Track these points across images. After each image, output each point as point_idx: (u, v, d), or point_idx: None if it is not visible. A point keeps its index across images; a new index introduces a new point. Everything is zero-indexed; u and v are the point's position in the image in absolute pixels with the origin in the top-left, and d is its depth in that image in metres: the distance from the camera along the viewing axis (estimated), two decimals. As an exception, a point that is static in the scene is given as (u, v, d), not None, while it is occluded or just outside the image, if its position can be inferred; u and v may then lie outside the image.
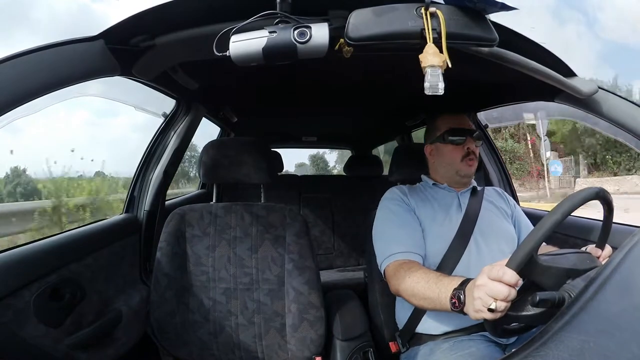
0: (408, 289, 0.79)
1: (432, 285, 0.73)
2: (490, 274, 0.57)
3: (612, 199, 0.64)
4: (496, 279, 0.56)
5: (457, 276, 0.72)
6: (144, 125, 3.57)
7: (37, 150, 5.83)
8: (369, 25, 0.57)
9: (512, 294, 0.55)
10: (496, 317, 0.57)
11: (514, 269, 0.55)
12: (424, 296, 0.74)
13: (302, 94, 1.44)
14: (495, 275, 0.56)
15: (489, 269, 0.58)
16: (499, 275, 0.55)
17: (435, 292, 0.72)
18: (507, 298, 0.55)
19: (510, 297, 0.55)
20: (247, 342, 0.96)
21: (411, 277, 0.79)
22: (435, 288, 0.72)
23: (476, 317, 0.60)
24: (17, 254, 0.73)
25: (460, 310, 0.64)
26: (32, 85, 0.54)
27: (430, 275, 0.77)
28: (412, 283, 0.78)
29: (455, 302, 0.65)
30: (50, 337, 0.75)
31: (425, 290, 0.74)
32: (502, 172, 1.52)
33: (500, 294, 0.55)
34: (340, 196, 2.23)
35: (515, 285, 0.55)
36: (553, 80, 0.73)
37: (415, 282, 0.77)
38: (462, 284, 0.66)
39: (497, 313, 0.56)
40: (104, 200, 4.18)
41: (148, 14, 0.62)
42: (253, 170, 1.01)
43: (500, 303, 0.55)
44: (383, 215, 0.99)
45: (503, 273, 0.55)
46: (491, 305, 0.55)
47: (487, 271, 0.58)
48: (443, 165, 1.03)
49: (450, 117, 1.03)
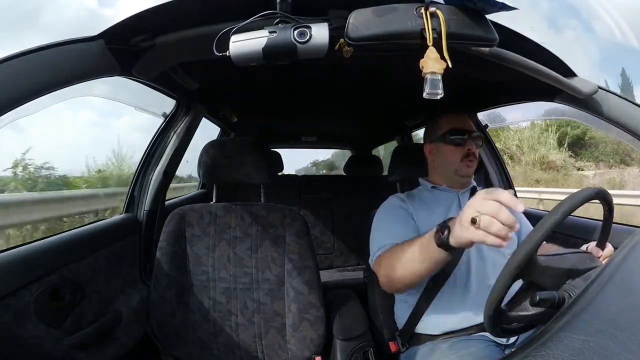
0: (394, 259, 0.77)
1: (415, 239, 0.73)
2: (485, 194, 0.54)
3: (612, 199, 0.64)
4: (490, 198, 0.53)
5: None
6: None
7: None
8: (368, 25, 0.57)
9: (503, 212, 0.51)
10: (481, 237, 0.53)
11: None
12: (410, 252, 0.72)
13: (302, 94, 1.44)
14: (492, 194, 0.53)
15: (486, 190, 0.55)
16: (494, 194, 0.53)
17: (418, 241, 0.70)
18: (497, 215, 0.51)
19: (502, 216, 0.51)
20: (247, 341, 0.96)
21: (395, 248, 0.79)
22: (418, 239, 0.71)
23: (461, 239, 0.57)
24: (17, 254, 0.73)
25: (445, 242, 0.61)
26: (32, 85, 0.54)
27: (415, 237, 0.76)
28: (397, 251, 0.77)
29: (440, 234, 0.62)
30: (50, 337, 0.75)
31: (410, 245, 0.73)
32: (502, 173, 1.52)
33: (488, 207, 0.52)
34: (340, 196, 2.23)
35: (513, 206, 0.51)
36: (553, 80, 0.73)
37: (399, 249, 0.77)
38: (446, 220, 0.64)
39: (481, 231, 0.52)
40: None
41: (148, 14, 0.62)
42: (253, 170, 1.01)
43: (485, 217, 0.52)
44: (379, 219, 0.99)
45: (500, 192, 0.53)
46: (475, 216, 0.52)
47: (482, 192, 0.55)
48: (442, 165, 1.03)
49: (452, 117, 1.03)
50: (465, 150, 0.98)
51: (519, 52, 0.68)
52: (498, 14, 0.59)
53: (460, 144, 0.99)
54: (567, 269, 0.56)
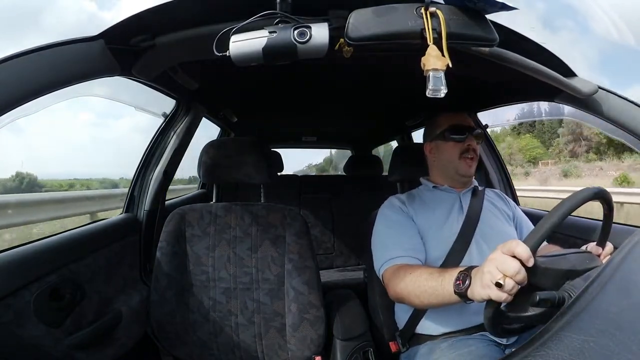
0: (409, 285, 0.77)
1: (435, 274, 0.72)
2: (503, 247, 0.56)
3: (612, 198, 0.64)
4: (508, 253, 0.55)
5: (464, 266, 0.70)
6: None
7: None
8: (368, 25, 0.57)
9: (521, 272, 0.53)
10: (502, 297, 0.54)
11: (529, 247, 0.54)
12: (426, 287, 0.72)
13: (302, 94, 1.44)
14: (508, 248, 0.55)
15: (502, 244, 0.57)
16: (511, 248, 0.55)
17: (438, 280, 0.70)
18: (517, 276, 0.53)
19: (519, 277, 0.53)
20: (247, 341, 0.96)
21: (413, 274, 0.78)
22: (438, 277, 0.71)
23: (481, 296, 0.58)
24: (17, 254, 0.73)
25: (463, 293, 0.62)
26: (32, 85, 0.54)
27: (434, 268, 0.77)
28: (414, 278, 0.77)
29: (460, 283, 0.63)
30: (50, 337, 0.75)
31: (428, 280, 0.72)
32: (502, 173, 1.52)
33: (511, 269, 0.53)
34: (340, 196, 2.23)
35: (526, 261, 0.53)
36: (553, 80, 0.73)
37: (417, 276, 0.76)
38: (468, 269, 0.64)
39: (503, 292, 0.54)
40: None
41: (148, 14, 0.62)
42: (253, 170, 1.01)
43: (509, 281, 0.53)
44: (381, 223, 0.98)
45: (516, 245, 0.54)
46: (500, 280, 0.53)
47: (500, 246, 0.57)
48: (443, 163, 1.03)
49: (451, 115, 1.03)
50: (465, 145, 0.98)
51: (519, 52, 0.68)
52: (498, 14, 0.59)
53: (461, 141, 0.98)
54: (566, 270, 0.56)
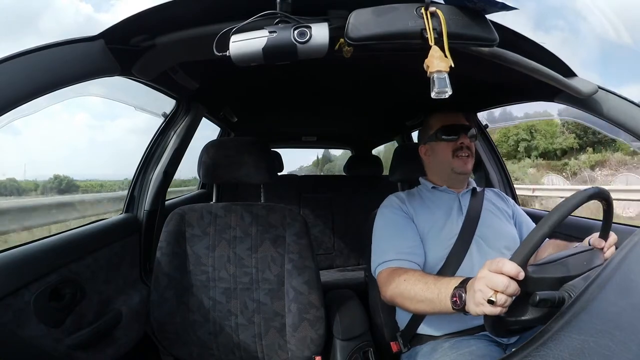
0: (404, 292, 0.77)
1: (430, 286, 0.72)
2: (490, 266, 0.57)
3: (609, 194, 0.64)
4: (496, 271, 0.56)
5: (457, 276, 0.72)
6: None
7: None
8: (369, 25, 0.57)
9: (512, 286, 0.55)
10: (496, 311, 0.56)
11: (517, 263, 0.55)
12: (423, 298, 0.73)
13: (302, 94, 1.44)
14: (496, 266, 0.56)
15: (490, 262, 0.58)
16: (498, 267, 0.56)
17: (434, 292, 0.71)
18: (507, 290, 0.55)
19: (510, 290, 0.55)
20: (247, 341, 0.96)
21: (408, 281, 0.78)
22: (434, 288, 0.71)
23: (477, 312, 0.59)
24: (17, 254, 0.73)
25: (461, 309, 0.64)
26: (32, 85, 0.54)
27: (428, 277, 0.77)
28: (409, 286, 0.77)
29: (457, 300, 0.64)
30: (50, 337, 0.75)
31: (424, 291, 0.73)
32: (502, 172, 1.52)
33: (500, 285, 0.55)
34: (340, 196, 2.23)
35: (515, 276, 0.55)
36: (553, 80, 0.73)
37: (412, 285, 0.76)
38: (462, 282, 0.66)
39: (497, 307, 0.55)
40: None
41: (148, 14, 0.62)
42: (253, 170, 1.01)
43: (500, 296, 0.55)
44: (379, 223, 0.98)
45: (502, 264, 0.55)
46: (491, 297, 0.55)
47: (487, 264, 0.59)
48: (438, 164, 1.03)
49: (442, 115, 1.02)
50: (458, 143, 0.98)
51: (519, 52, 0.68)
52: (498, 14, 0.59)
53: (453, 139, 0.98)
54: (560, 277, 0.56)
